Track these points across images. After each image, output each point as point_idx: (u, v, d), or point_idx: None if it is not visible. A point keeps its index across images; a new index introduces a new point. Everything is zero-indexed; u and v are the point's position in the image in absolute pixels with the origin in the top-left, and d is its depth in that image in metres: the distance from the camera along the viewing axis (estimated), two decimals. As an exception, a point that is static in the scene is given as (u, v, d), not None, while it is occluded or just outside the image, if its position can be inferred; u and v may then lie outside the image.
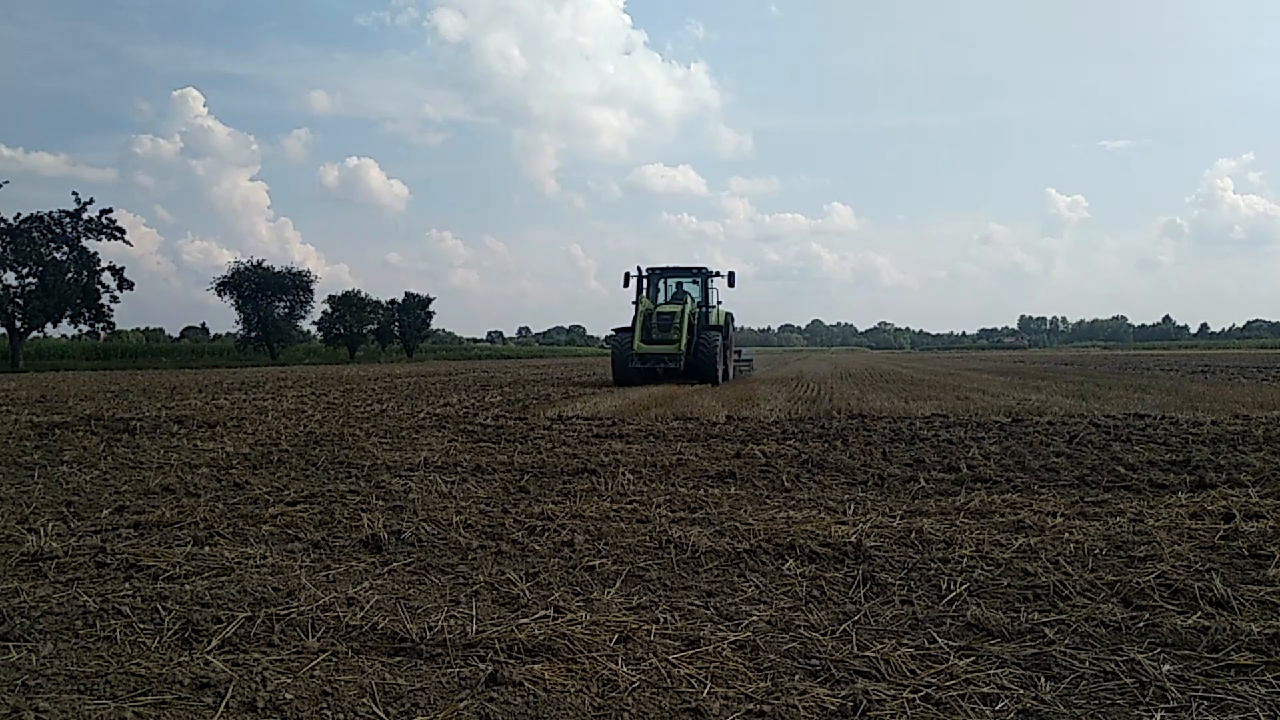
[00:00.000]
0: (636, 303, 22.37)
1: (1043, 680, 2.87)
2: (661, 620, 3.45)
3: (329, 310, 66.91)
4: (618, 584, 3.95)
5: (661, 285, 24.81)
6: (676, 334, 21.58)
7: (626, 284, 23.40)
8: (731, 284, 23.63)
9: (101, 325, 50.10)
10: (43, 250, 46.82)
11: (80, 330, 51.04)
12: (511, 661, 3.01)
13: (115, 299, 49.39)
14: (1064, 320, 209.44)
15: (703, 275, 24.30)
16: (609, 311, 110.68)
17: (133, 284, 50.07)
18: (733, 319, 25.81)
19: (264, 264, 62.01)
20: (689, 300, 22.90)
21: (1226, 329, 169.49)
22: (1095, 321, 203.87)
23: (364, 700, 2.70)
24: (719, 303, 24.71)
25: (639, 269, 23.80)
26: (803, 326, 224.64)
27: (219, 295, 61.17)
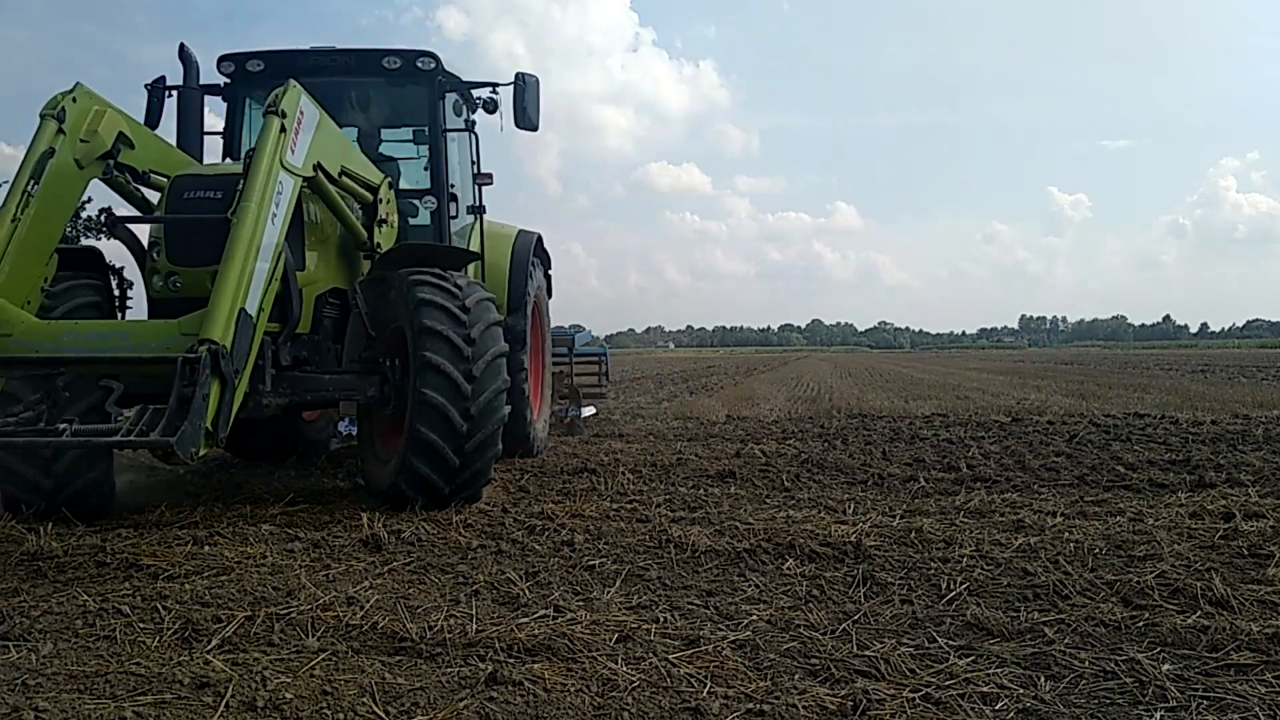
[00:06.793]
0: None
1: (1042, 679, 2.87)
2: (661, 620, 3.45)
3: (329, 310, 66.74)
4: (617, 583, 3.95)
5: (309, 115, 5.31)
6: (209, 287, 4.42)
7: (157, 119, 6.79)
8: (525, 119, 7.04)
9: (101, 325, 50.02)
10: (42, 250, 46.74)
11: (80, 330, 50.95)
12: (511, 661, 3.01)
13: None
14: (1064, 320, 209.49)
15: (430, 89, 7.01)
16: (610, 311, 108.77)
17: (132, 283, 49.97)
18: (541, 253, 8.63)
19: (264, 263, 61.83)
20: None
21: (1226, 328, 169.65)
22: (1095, 321, 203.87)
23: (364, 700, 2.70)
24: (479, 186, 7.51)
25: (184, 51, 6.74)
26: (803, 326, 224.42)
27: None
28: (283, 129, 4.86)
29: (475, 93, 7.37)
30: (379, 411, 5.81)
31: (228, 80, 7.10)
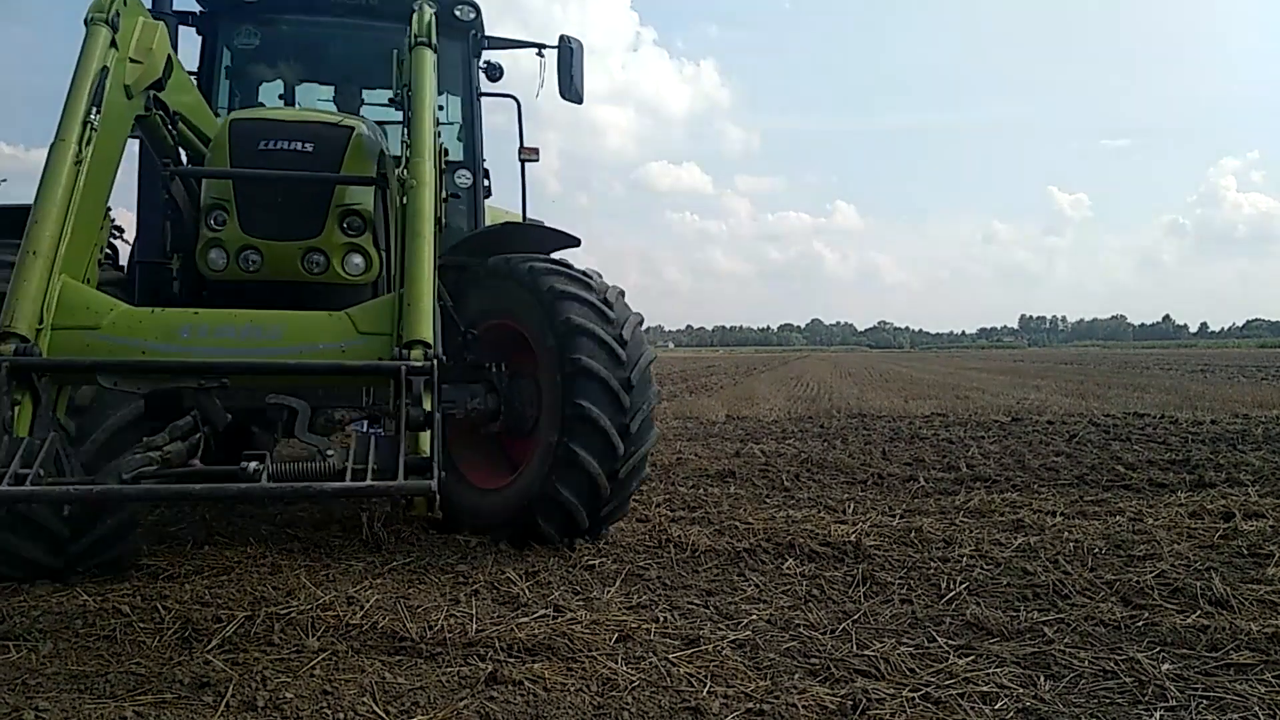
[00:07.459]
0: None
1: (1042, 679, 2.87)
2: (661, 619, 3.45)
3: (328, 309, 66.64)
4: (617, 583, 3.95)
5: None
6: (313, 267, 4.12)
7: None
8: (570, 90, 5.97)
9: (101, 324, 49.93)
10: (42, 249, 46.66)
11: (79, 329, 50.84)
12: (511, 660, 3.01)
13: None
14: (1063, 319, 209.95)
15: (465, 44, 5.82)
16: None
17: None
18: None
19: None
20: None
21: (1226, 328, 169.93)
22: (1095, 321, 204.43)
23: (364, 699, 2.70)
24: (523, 162, 6.50)
25: None
26: (802, 326, 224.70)
27: (218, 294, 60.84)
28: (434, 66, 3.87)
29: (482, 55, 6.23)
30: (476, 427, 4.67)
31: (203, 10, 5.72)
